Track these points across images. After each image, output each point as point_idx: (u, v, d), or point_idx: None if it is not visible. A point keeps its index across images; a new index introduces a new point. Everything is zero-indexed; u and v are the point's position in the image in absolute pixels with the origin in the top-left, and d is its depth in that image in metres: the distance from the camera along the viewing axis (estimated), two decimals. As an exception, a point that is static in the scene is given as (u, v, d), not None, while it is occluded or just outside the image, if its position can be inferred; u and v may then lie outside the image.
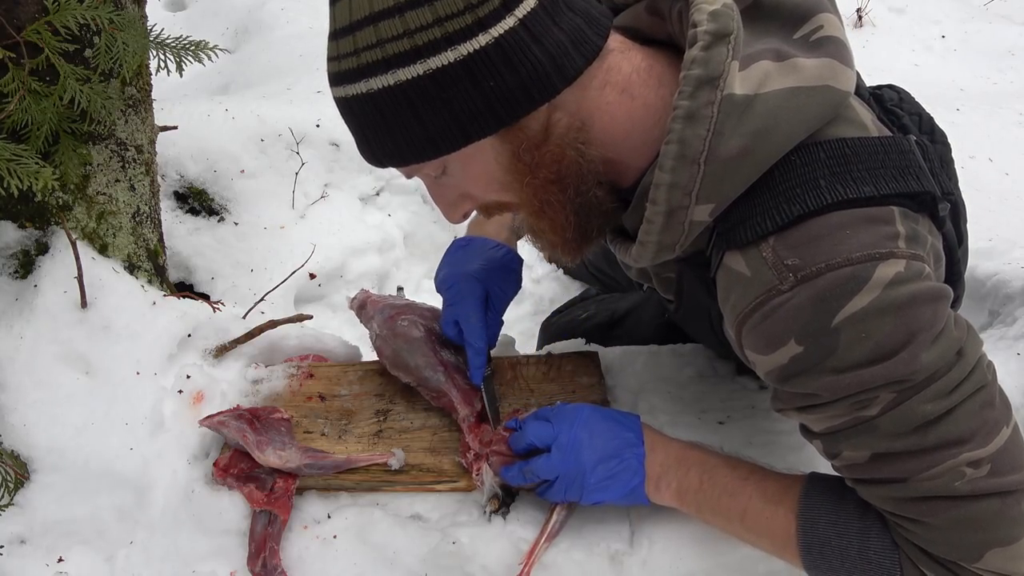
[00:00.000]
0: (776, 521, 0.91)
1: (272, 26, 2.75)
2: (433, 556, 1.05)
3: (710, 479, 0.96)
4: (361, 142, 0.83)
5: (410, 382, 1.20)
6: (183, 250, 1.68)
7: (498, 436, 1.08)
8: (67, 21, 1.01)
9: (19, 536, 1.08)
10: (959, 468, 0.76)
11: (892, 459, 0.78)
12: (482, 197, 0.88)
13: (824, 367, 0.76)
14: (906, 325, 0.73)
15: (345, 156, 2.00)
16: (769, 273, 0.76)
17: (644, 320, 1.41)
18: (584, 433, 1.00)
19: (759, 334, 0.79)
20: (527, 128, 0.79)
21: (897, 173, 0.78)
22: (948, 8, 3.09)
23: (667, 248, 0.84)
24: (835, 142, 0.78)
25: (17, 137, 1.05)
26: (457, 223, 0.94)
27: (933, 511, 0.78)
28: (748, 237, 0.78)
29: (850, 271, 0.73)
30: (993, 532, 0.77)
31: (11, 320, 1.16)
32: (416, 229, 2.06)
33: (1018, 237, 1.61)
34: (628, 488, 0.99)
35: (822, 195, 0.75)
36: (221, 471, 1.12)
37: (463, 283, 1.17)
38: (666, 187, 0.78)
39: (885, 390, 0.75)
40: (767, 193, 0.78)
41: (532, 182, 0.82)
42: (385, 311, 1.25)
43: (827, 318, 0.74)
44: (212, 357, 1.28)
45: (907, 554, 0.82)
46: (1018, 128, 2.13)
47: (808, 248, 0.75)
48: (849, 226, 0.75)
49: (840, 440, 0.81)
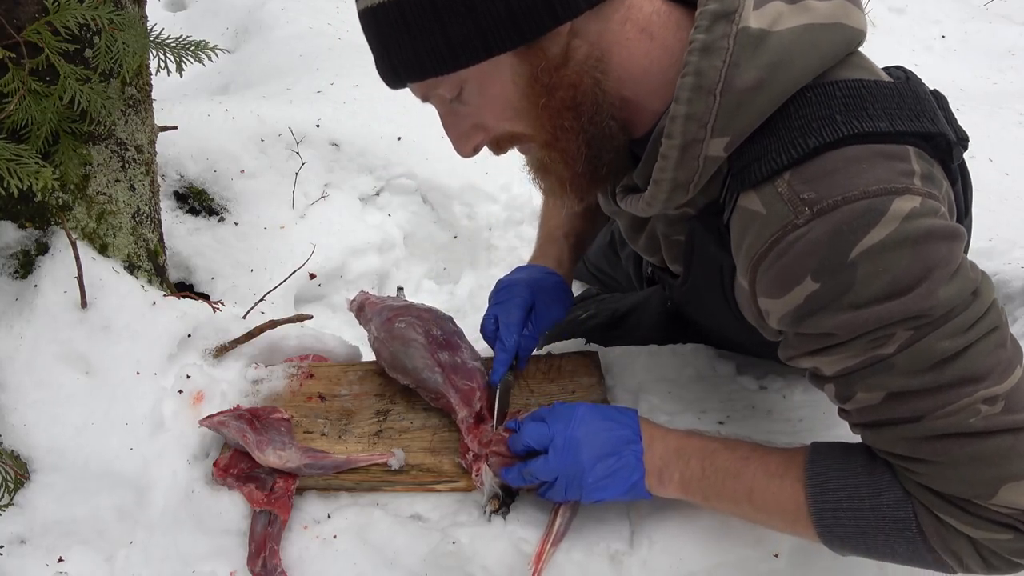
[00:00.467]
0: (784, 494, 0.90)
1: (272, 26, 2.75)
2: (433, 556, 1.05)
3: (711, 465, 0.96)
4: (382, 56, 0.84)
5: (409, 384, 1.20)
6: (183, 250, 1.68)
7: (497, 437, 1.08)
8: (67, 21, 1.01)
9: (19, 536, 1.08)
10: (974, 405, 0.75)
11: (908, 398, 0.78)
12: (495, 127, 0.88)
13: (841, 303, 0.75)
14: (922, 260, 0.73)
15: (345, 156, 2.00)
16: (784, 208, 0.76)
17: (644, 320, 1.41)
18: (581, 432, 1.00)
19: (774, 274, 0.79)
20: (547, 49, 0.79)
21: (912, 115, 0.79)
22: (948, 8, 3.09)
23: (681, 188, 0.84)
24: (851, 82, 0.79)
25: (17, 137, 1.05)
26: (467, 156, 0.93)
27: (947, 449, 0.78)
28: (763, 173, 0.78)
29: (866, 204, 0.73)
30: (1007, 467, 0.77)
31: (11, 320, 1.16)
32: (416, 229, 2.06)
33: (1018, 237, 1.61)
34: (628, 484, 0.99)
35: (838, 128, 0.76)
36: (221, 471, 1.12)
37: (514, 287, 1.21)
38: (682, 119, 0.79)
39: (902, 326, 0.75)
40: (782, 129, 0.78)
41: (548, 104, 0.82)
42: (383, 313, 1.25)
43: (844, 252, 0.74)
44: (212, 357, 1.28)
45: (920, 500, 0.82)
46: (1018, 128, 2.14)
47: (824, 181, 0.75)
48: (865, 160, 0.75)
49: (855, 381, 0.80)
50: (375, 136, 2.04)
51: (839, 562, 1.06)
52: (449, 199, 2.05)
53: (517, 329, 1.17)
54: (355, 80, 2.20)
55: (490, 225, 2.05)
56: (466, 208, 2.05)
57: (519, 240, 2.03)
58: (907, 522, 0.83)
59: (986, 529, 0.79)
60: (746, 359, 1.29)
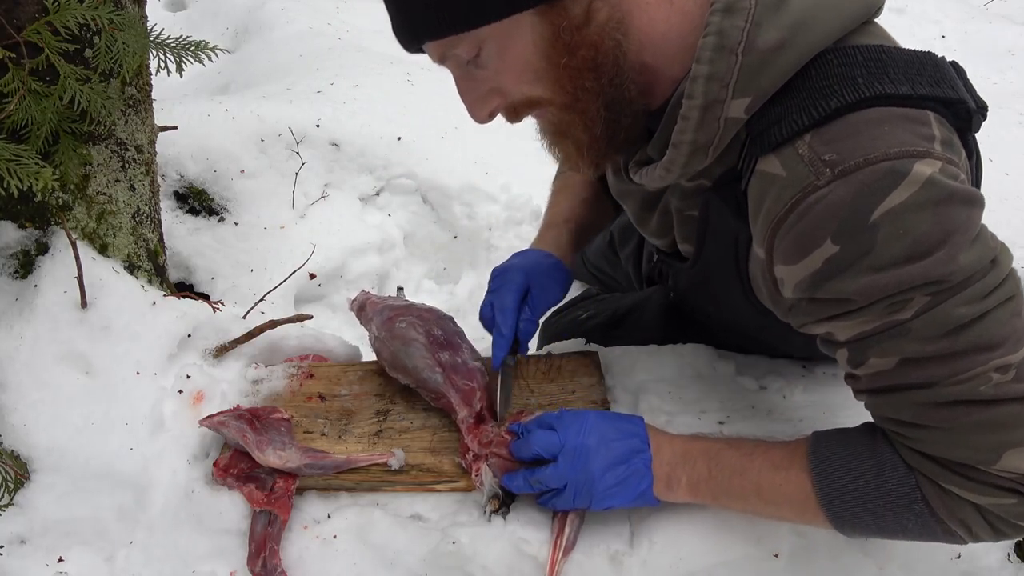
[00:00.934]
0: (790, 485, 0.91)
1: (272, 26, 2.75)
2: (433, 556, 1.05)
3: (717, 465, 0.96)
4: (400, 13, 0.83)
5: (409, 383, 1.20)
6: (183, 250, 1.68)
7: (499, 438, 1.07)
8: (67, 21, 1.01)
9: (19, 536, 1.08)
10: (987, 373, 0.76)
11: (922, 364, 0.78)
12: (513, 91, 0.87)
13: (861, 267, 0.75)
14: (942, 224, 0.73)
15: (345, 156, 2.00)
16: (805, 170, 0.76)
17: (644, 320, 1.41)
18: (591, 440, 0.99)
19: (793, 238, 0.78)
20: (568, 9, 0.79)
21: (933, 81, 0.79)
22: (948, 8, 3.09)
23: (700, 151, 0.84)
24: (872, 47, 0.79)
25: (17, 137, 1.05)
26: (482, 122, 0.93)
27: (956, 416, 0.78)
28: (783, 135, 0.78)
29: (888, 166, 0.73)
30: (1013, 434, 0.77)
31: (11, 320, 1.16)
32: (416, 229, 2.06)
33: (1018, 237, 1.61)
34: (637, 492, 0.99)
35: (859, 90, 0.76)
36: (221, 471, 1.12)
37: (508, 273, 1.20)
38: (703, 79, 0.79)
39: (921, 291, 0.74)
40: (803, 91, 0.78)
41: (569, 64, 0.82)
42: (384, 312, 1.25)
43: (865, 213, 0.73)
44: (212, 357, 1.28)
45: (922, 472, 0.83)
46: (1018, 128, 2.14)
47: (846, 143, 0.75)
48: (887, 122, 0.75)
49: (870, 346, 0.80)
50: (375, 136, 2.04)
51: (839, 562, 1.06)
52: (449, 199, 2.05)
53: (512, 313, 1.17)
54: (355, 80, 2.20)
55: (490, 225, 2.05)
56: (466, 208, 2.05)
57: (519, 240, 2.03)
58: (912, 496, 0.84)
59: (989, 495, 0.80)
60: (746, 359, 1.29)
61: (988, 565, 1.08)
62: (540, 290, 1.20)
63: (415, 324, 1.21)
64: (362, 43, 2.58)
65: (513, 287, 1.18)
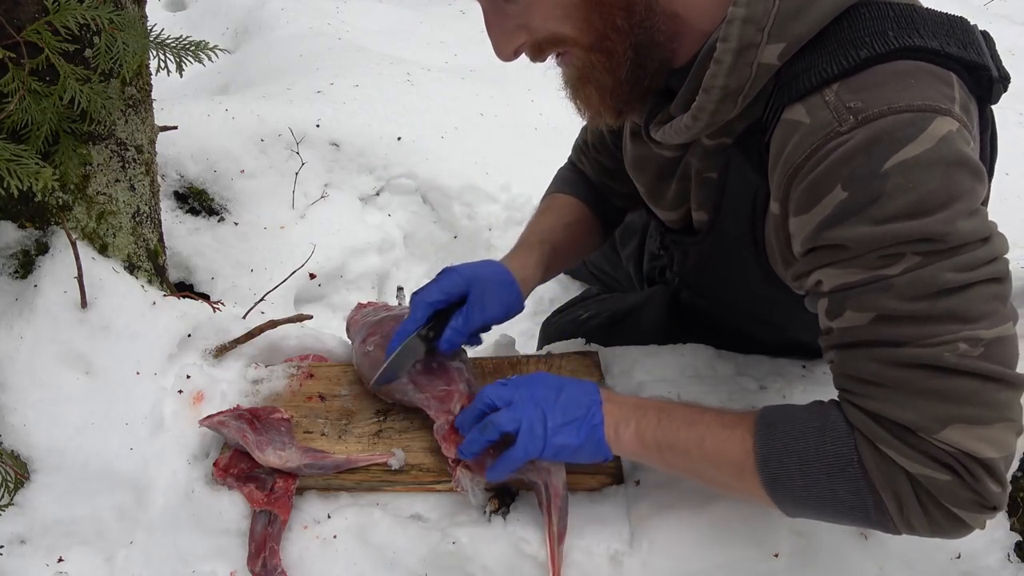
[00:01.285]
0: (733, 443, 0.89)
1: (272, 26, 2.76)
2: (433, 556, 1.05)
3: (668, 416, 0.95)
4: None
5: (392, 401, 1.21)
6: (183, 250, 1.68)
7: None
8: (67, 21, 1.01)
9: (19, 536, 1.08)
10: (956, 342, 0.76)
11: (895, 323, 0.78)
12: (540, 27, 0.87)
13: (864, 216, 0.76)
14: (949, 186, 0.74)
15: (345, 156, 2.00)
16: (829, 116, 0.77)
17: (644, 320, 1.41)
18: (541, 389, 1.01)
19: (809, 183, 0.79)
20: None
21: (961, 44, 0.80)
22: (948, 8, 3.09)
23: (730, 98, 0.85)
24: (904, 4, 0.81)
25: (17, 137, 1.05)
26: (507, 59, 0.93)
27: (913, 378, 0.77)
28: (812, 83, 0.79)
29: (909, 117, 0.74)
30: (961, 408, 0.76)
31: (11, 320, 1.16)
32: (416, 229, 2.06)
33: (1018, 237, 1.61)
34: (588, 428, 0.97)
35: (889, 42, 0.77)
36: (221, 471, 1.12)
37: (451, 274, 1.16)
38: (740, 21, 0.80)
39: (914, 247, 0.75)
40: (834, 42, 0.79)
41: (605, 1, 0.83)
42: (360, 333, 1.26)
43: (879, 161, 0.74)
44: (212, 357, 1.28)
45: (863, 432, 0.81)
46: (1018, 128, 2.14)
47: (872, 92, 0.76)
48: (914, 75, 0.76)
49: (849, 298, 0.80)
50: (375, 136, 2.04)
51: (838, 562, 1.06)
52: (449, 199, 2.05)
53: (425, 308, 1.12)
54: (355, 80, 2.20)
55: (490, 225, 2.05)
56: (466, 208, 2.05)
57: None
58: (849, 457, 0.82)
59: (924, 465, 0.78)
60: (746, 359, 1.29)
61: (988, 565, 1.08)
62: (478, 301, 1.14)
63: (383, 344, 1.20)
64: (362, 43, 2.58)
65: (443, 286, 1.14)
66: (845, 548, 1.06)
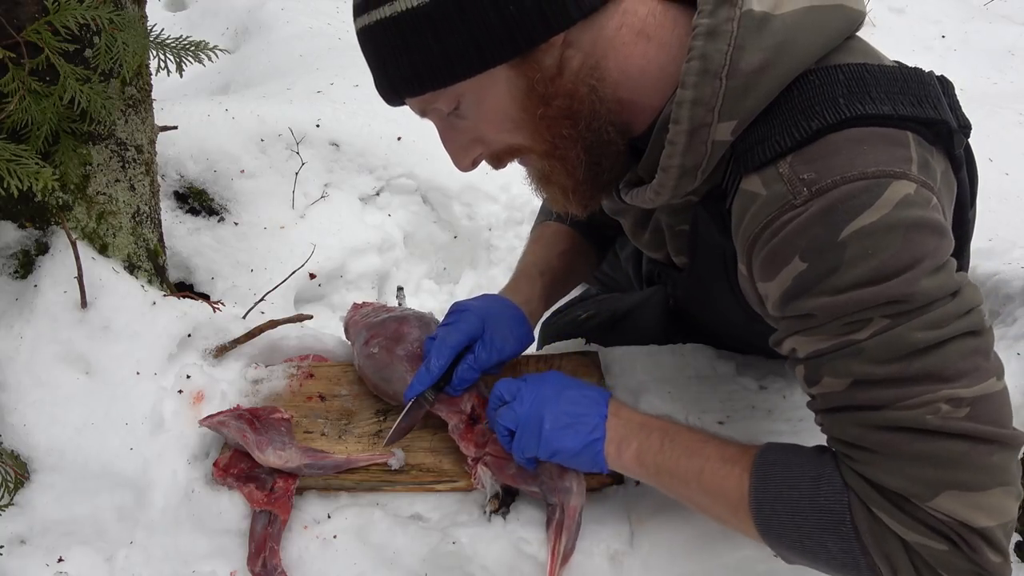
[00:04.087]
0: (731, 480, 0.88)
1: (272, 26, 2.75)
2: (433, 556, 1.05)
3: (671, 441, 0.95)
4: (380, 72, 0.87)
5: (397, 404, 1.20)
6: (183, 250, 1.68)
7: (493, 436, 1.08)
8: (67, 21, 1.01)
9: (19, 536, 1.08)
10: (936, 403, 0.73)
11: (871, 387, 0.76)
12: (494, 140, 0.89)
13: (825, 286, 0.75)
14: (910, 248, 0.73)
15: (345, 156, 2.00)
16: (784, 189, 0.77)
17: (644, 320, 1.41)
18: (549, 390, 1.01)
19: (767, 255, 0.79)
20: (541, 61, 0.81)
21: (915, 100, 0.79)
22: (948, 8, 3.09)
23: (689, 174, 0.84)
24: (854, 66, 0.79)
25: (17, 137, 1.05)
26: (466, 171, 0.95)
27: (896, 442, 0.76)
28: (766, 155, 0.79)
29: (863, 184, 0.73)
30: (953, 473, 0.74)
31: (11, 320, 1.16)
32: (416, 229, 2.06)
33: (1018, 237, 1.61)
34: (586, 439, 0.97)
35: (840, 111, 0.76)
36: (221, 471, 1.12)
37: (465, 312, 1.14)
38: (689, 104, 0.79)
39: (880, 311, 0.74)
40: (785, 112, 0.78)
41: (546, 114, 0.84)
42: (361, 335, 1.24)
43: (835, 231, 0.74)
44: (212, 357, 1.28)
45: (857, 493, 0.80)
46: (1018, 128, 2.13)
47: (825, 161, 0.75)
48: (867, 142, 0.75)
49: (823, 364, 0.79)
50: (375, 136, 2.04)
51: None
52: (449, 199, 2.05)
53: (449, 353, 1.11)
54: (355, 80, 2.20)
55: (490, 225, 2.05)
56: (466, 208, 2.05)
57: (519, 240, 2.03)
58: (842, 516, 0.80)
59: (919, 533, 0.75)
60: (746, 359, 1.29)
61: (988, 565, 1.08)
62: (492, 340, 1.13)
63: (389, 346, 1.19)
64: (362, 43, 2.57)
65: (463, 328, 1.12)
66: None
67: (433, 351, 1.10)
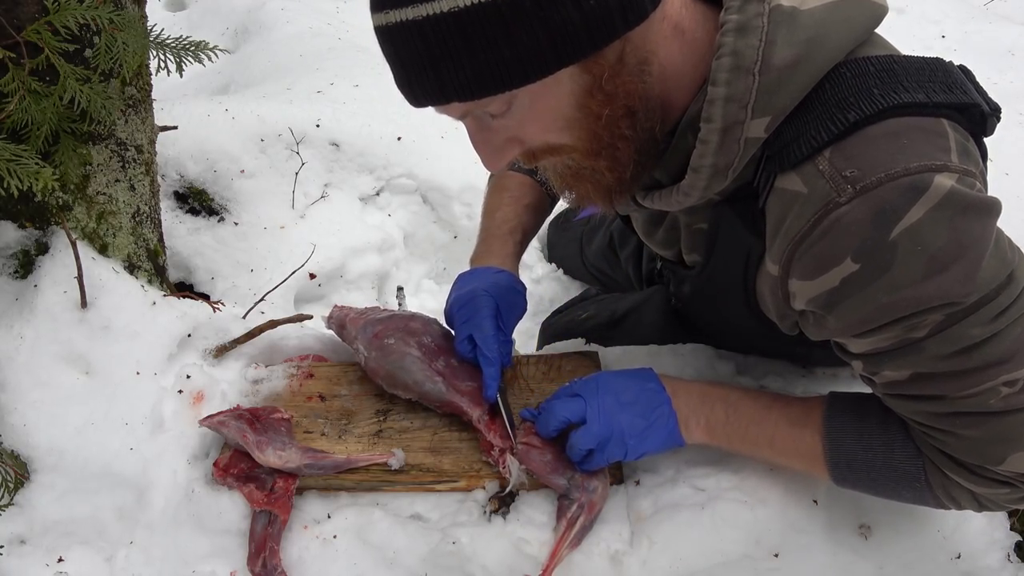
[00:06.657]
0: (803, 443, 0.97)
1: (272, 26, 2.75)
2: (433, 556, 1.05)
3: (735, 412, 1.02)
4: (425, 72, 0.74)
5: (411, 397, 1.19)
6: (183, 250, 1.68)
7: (525, 426, 1.09)
8: (67, 21, 1.01)
9: (19, 536, 1.08)
10: (996, 387, 0.79)
11: (933, 379, 0.81)
12: (534, 140, 0.82)
13: (880, 286, 0.76)
14: (958, 238, 0.73)
15: (345, 156, 2.00)
16: (826, 186, 0.76)
17: (644, 320, 1.41)
18: (610, 396, 1.03)
19: (813, 256, 0.79)
20: (606, 57, 0.75)
21: (945, 87, 0.79)
22: (948, 8, 3.09)
23: (720, 173, 0.83)
24: (883, 57, 0.79)
25: (17, 137, 1.05)
26: (496, 171, 0.93)
27: (964, 425, 0.83)
28: (803, 152, 0.78)
29: (908, 181, 0.73)
30: (1018, 441, 0.82)
31: (11, 320, 1.16)
32: (416, 229, 2.06)
33: (1018, 237, 1.61)
34: (667, 432, 1.02)
35: (876, 102, 0.76)
36: (221, 471, 1.12)
37: (476, 299, 1.15)
38: (721, 101, 0.78)
39: (936, 312, 0.76)
40: (819, 106, 0.78)
41: (611, 114, 0.79)
42: (368, 330, 1.22)
43: (886, 231, 0.73)
44: (212, 357, 1.28)
45: (931, 459, 0.89)
46: (1018, 128, 2.13)
47: (865, 157, 0.75)
48: (905, 135, 0.75)
49: (883, 361, 0.83)
50: (375, 136, 2.04)
51: (838, 562, 1.06)
52: (449, 199, 2.05)
53: (495, 340, 1.13)
54: (355, 80, 2.20)
55: (490, 225, 2.04)
56: (466, 208, 2.05)
57: (519, 240, 2.02)
58: (916, 475, 0.90)
59: (988, 487, 0.86)
60: (746, 359, 1.29)
61: (988, 565, 1.08)
62: (507, 308, 1.17)
63: (405, 338, 1.19)
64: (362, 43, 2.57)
65: (488, 313, 1.14)
66: (845, 548, 1.06)
67: (483, 347, 1.13)
